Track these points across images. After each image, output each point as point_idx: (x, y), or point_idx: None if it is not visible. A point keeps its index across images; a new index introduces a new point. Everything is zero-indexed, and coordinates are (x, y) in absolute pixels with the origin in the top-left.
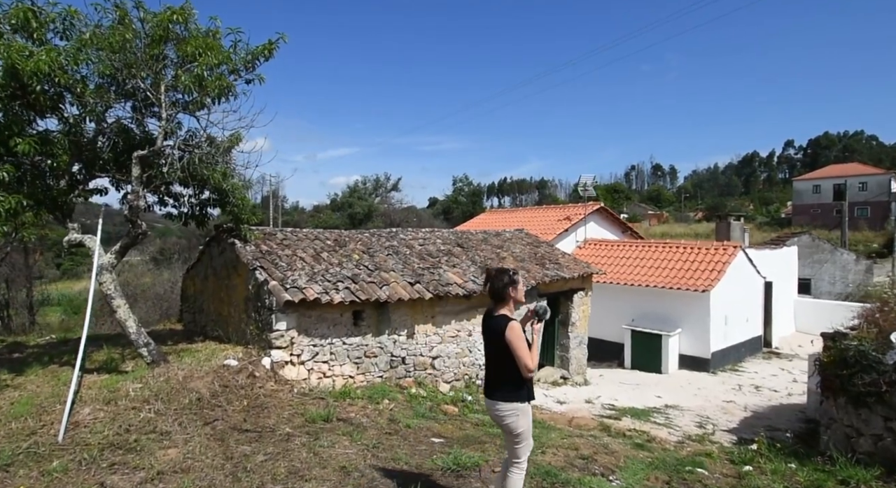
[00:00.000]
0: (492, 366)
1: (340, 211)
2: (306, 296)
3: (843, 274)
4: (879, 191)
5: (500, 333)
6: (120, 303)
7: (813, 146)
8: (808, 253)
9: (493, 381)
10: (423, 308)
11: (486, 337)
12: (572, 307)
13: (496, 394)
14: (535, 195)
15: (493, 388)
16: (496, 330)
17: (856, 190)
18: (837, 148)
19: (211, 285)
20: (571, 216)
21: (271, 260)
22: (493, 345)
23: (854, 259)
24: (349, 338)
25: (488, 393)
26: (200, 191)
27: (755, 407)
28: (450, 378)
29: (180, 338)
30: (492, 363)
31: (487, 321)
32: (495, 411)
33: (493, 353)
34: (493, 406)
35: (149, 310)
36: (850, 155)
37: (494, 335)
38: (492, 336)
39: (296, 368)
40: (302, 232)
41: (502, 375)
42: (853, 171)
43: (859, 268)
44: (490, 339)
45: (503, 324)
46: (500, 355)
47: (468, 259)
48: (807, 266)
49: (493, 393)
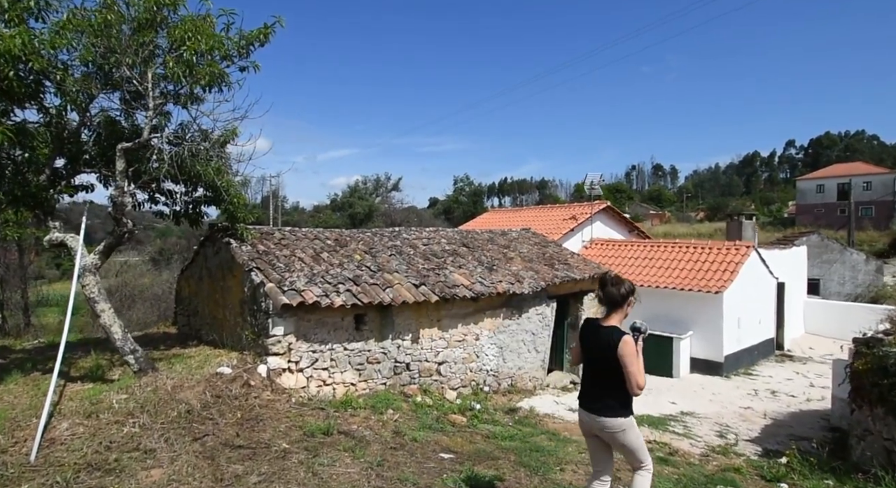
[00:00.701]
0: (595, 379)
1: (341, 211)
2: (305, 299)
3: (852, 274)
4: (884, 191)
5: (611, 347)
6: (104, 308)
7: (814, 146)
8: (817, 253)
9: (597, 396)
10: (428, 311)
11: (589, 347)
12: (582, 309)
13: (603, 411)
14: (535, 195)
15: (597, 403)
16: (607, 342)
17: (860, 189)
18: (839, 147)
19: (206, 287)
20: (577, 215)
21: (268, 260)
22: (600, 357)
23: (864, 259)
24: (350, 343)
25: (591, 408)
26: (193, 189)
27: (774, 414)
28: (456, 384)
29: (174, 342)
30: (596, 376)
31: (594, 330)
32: (602, 427)
33: (600, 367)
34: (599, 422)
35: (146, 311)
36: (851, 155)
37: (604, 347)
38: (600, 348)
39: (294, 376)
40: (301, 231)
41: (608, 390)
42: (857, 171)
43: (869, 269)
44: (596, 351)
45: (616, 337)
46: (608, 369)
47: (474, 259)
48: (815, 266)
49: (599, 410)
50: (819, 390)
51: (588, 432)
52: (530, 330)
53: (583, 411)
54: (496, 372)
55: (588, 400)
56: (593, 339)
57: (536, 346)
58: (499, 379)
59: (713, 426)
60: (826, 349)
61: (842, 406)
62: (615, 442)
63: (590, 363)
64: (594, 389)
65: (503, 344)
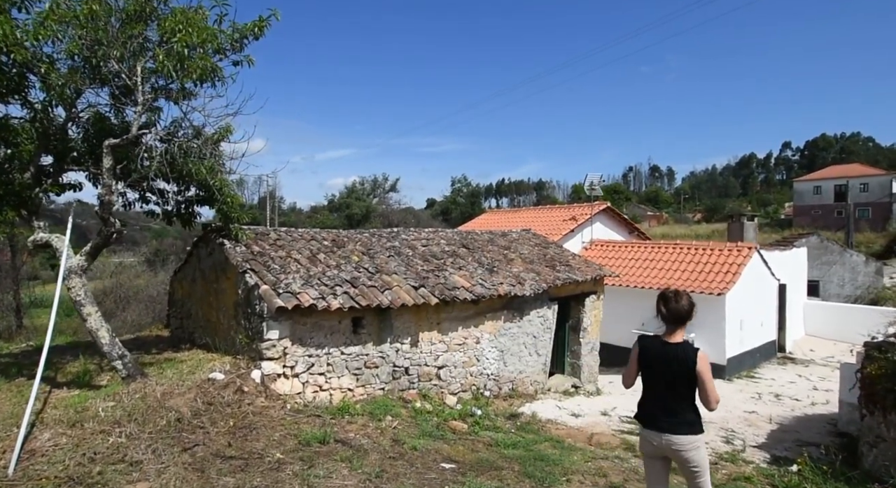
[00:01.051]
0: (668, 397)
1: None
2: (301, 301)
3: (852, 276)
4: (881, 193)
5: (689, 363)
6: (91, 311)
7: (810, 148)
8: (817, 254)
9: (672, 414)
10: (427, 314)
11: (659, 366)
12: (584, 312)
13: (681, 428)
14: (532, 196)
15: (673, 421)
16: (682, 359)
17: (857, 191)
18: (835, 149)
19: (199, 289)
20: (577, 216)
21: (263, 262)
22: (675, 374)
23: (863, 261)
24: (348, 347)
25: (665, 427)
26: (186, 188)
27: (780, 419)
28: (456, 389)
29: (166, 345)
30: (668, 393)
31: (659, 348)
32: (674, 446)
33: (673, 383)
34: (675, 440)
35: (141, 313)
36: (847, 156)
37: (679, 364)
38: (674, 365)
39: (289, 381)
40: (297, 232)
41: (684, 407)
42: (854, 172)
43: (869, 270)
44: (670, 369)
45: (692, 353)
46: (683, 385)
47: (474, 260)
48: (815, 267)
49: (675, 428)
50: (823, 393)
51: (654, 454)
52: (531, 333)
53: (652, 433)
54: (497, 376)
55: (660, 420)
56: (662, 357)
57: (538, 350)
58: (500, 383)
59: (718, 431)
60: (827, 351)
61: (850, 411)
62: (687, 462)
63: (659, 382)
64: (667, 408)
65: (504, 347)
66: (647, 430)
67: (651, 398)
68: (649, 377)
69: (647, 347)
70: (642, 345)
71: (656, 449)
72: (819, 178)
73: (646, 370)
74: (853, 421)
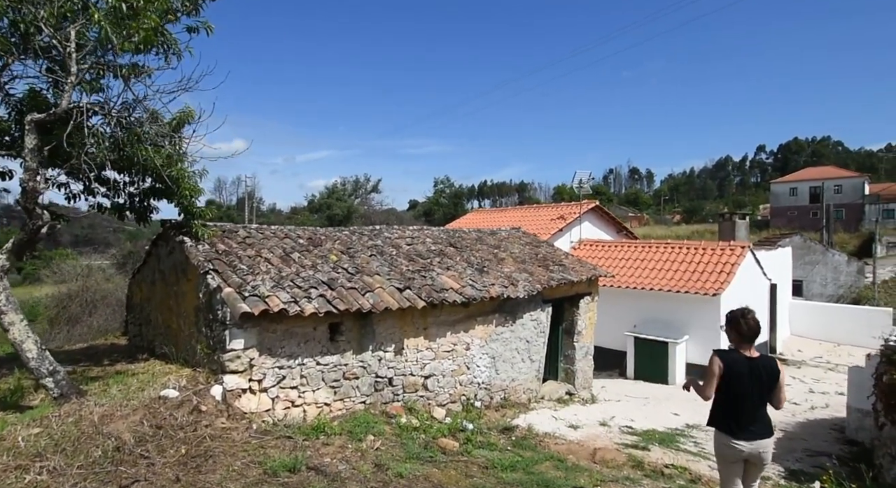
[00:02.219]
0: (755, 407)
1: (319, 212)
2: (270, 306)
3: (834, 275)
4: (854, 194)
5: (776, 373)
6: (14, 319)
7: (783, 151)
8: (800, 254)
9: (760, 420)
10: (413, 318)
11: (747, 379)
12: (578, 314)
13: (770, 433)
14: (515, 198)
15: (764, 429)
16: (771, 370)
17: (831, 192)
18: (806, 152)
19: (159, 292)
20: (566, 215)
21: (229, 261)
22: (764, 385)
23: (845, 260)
24: (324, 356)
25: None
26: (140, 179)
27: (783, 425)
28: (445, 400)
29: (121, 356)
30: (759, 403)
31: (744, 363)
32: (762, 449)
33: (761, 393)
34: (761, 444)
35: (109, 318)
36: (818, 159)
37: (769, 376)
38: (764, 377)
39: (256, 397)
40: (270, 229)
41: (765, 413)
42: (829, 174)
43: (850, 270)
44: (760, 380)
45: (775, 364)
46: (766, 395)
47: (463, 260)
48: (798, 267)
49: (766, 433)
50: (821, 396)
51: (738, 459)
52: (524, 337)
53: (742, 441)
54: (488, 384)
55: (755, 429)
56: (749, 371)
57: (531, 355)
58: (491, 392)
59: None
60: (814, 351)
61: (859, 417)
62: (765, 461)
63: (747, 394)
64: (758, 416)
65: (496, 353)
66: (737, 440)
67: (739, 409)
68: (737, 389)
69: (735, 364)
70: (728, 362)
71: (742, 455)
72: (795, 180)
73: (733, 383)
74: (863, 428)
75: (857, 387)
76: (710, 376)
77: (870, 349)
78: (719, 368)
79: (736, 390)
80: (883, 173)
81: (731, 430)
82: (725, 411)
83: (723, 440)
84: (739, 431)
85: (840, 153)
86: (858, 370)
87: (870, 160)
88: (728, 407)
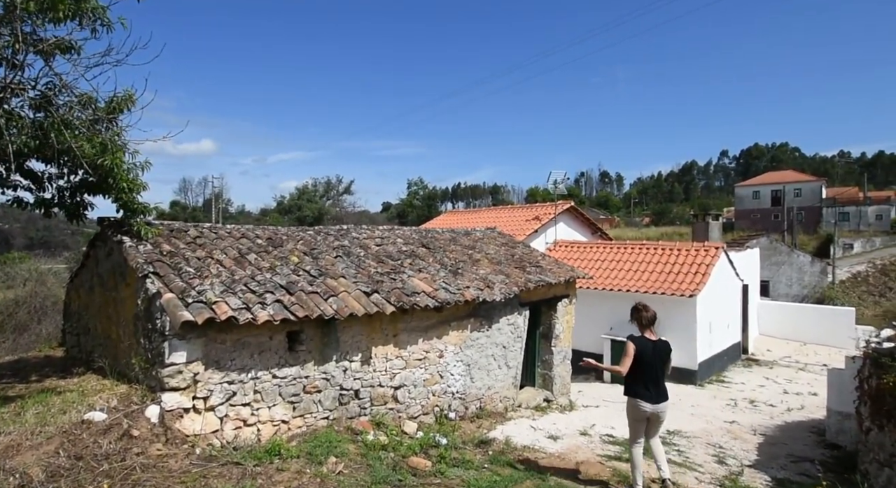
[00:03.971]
0: (656, 377)
1: (288, 214)
2: (216, 313)
3: (799, 275)
4: (813, 198)
5: (669, 352)
6: None
7: (745, 156)
8: (766, 255)
9: (661, 388)
10: (382, 324)
11: (650, 356)
12: (556, 317)
13: (665, 396)
14: (488, 200)
15: (662, 394)
16: (666, 350)
17: (791, 196)
18: (766, 158)
19: (97, 298)
20: (541, 216)
21: (174, 264)
22: (662, 361)
23: (809, 261)
24: (282, 368)
25: (659, 398)
26: (71, 170)
27: (762, 429)
28: (416, 412)
29: (53, 370)
30: (656, 375)
31: (649, 343)
32: (660, 410)
33: (660, 368)
34: (660, 406)
35: (59, 326)
36: (777, 164)
37: (665, 353)
38: (662, 355)
39: (201, 417)
40: (225, 228)
41: (663, 383)
42: (789, 178)
43: (814, 270)
44: (660, 357)
45: (668, 346)
46: (663, 367)
47: (436, 262)
48: (765, 268)
49: (665, 397)
50: (795, 398)
51: (645, 417)
52: (501, 343)
53: (649, 404)
54: (463, 394)
55: (655, 395)
56: (653, 350)
57: (508, 361)
58: (466, 401)
59: (706, 448)
60: (782, 351)
61: (839, 420)
62: (662, 420)
63: (651, 368)
64: (658, 385)
65: (471, 360)
66: (645, 402)
67: (643, 378)
68: (644, 364)
69: (643, 344)
70: (639, 343)
71: (647, 413)
72: (757, 184)
73: (643, 359)
74: (843, 431)
75: (837, 390)
76: (627, 356)
77: (836, 348)
78: (633, 349)
79: (643, 365)
80: (836, 178)
81: (640, 395)
82: (636, 381)
83: (634, 403)
84: (646, 396)
85: (797, 159)
86: (838, 372)
87: (824, 166)
88: (638, 377)
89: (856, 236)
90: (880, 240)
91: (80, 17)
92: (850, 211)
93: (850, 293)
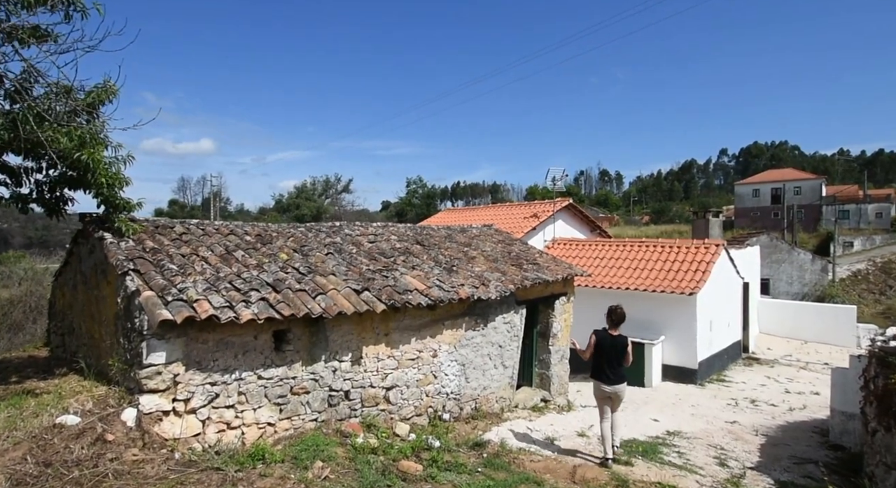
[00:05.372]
0: (612, 364)
1: (287, 212)
2: (197, 312)
3: (799, 274)
4: (812, 196)
5: (624, 346)
6: None
7: (744, 154)
8: (767, 253)
9: (616, 373)
10: (373, 323)
11: (608, 347)
12: (553, 316)
13: (621, 379)
14: (488, 199)
15: (618, 377)
16: (622, 344)
17: (791, 194)
18: (766, 156)
19: (81, 297)
20: (539, 213)
21: (156, 261)
22: (618, 352)
23: (810, 259)
24: (267, 369)
25: (614, 380)
26: (50, 165)
27: (764, 430)
28: (409, 413)
29: (35, 370)
30: (612, 362)
31: (609, 337)
32: (622, 391)
33: (616, 357)
34: (620, 388)
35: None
36: (777, 163)
37: (621, 347)
38: (619, 347)
39: (181, 420)
40: (213, 224)
41: (620, 368)
42: (789, 176)
43: (815, 268)
44: (616, 349)
45: (625, 341)
46: (620, 357)
47: (430, 259)
48: (765, 266)
49: (620, 380)
50: (797, 397)
51: (607, 396)
52: (497, 342)
53: (604, 384)
54: (458, 394)
55: (610, 377)
56: (611, 342)
57: (504, 361)
58: (461, 402)
59: (707, 449)
60: (783, 349)
61: (843, 420)
62: (621, 399)
63: (609, 356)
64: (613, 369)
65: (466, 360)
66: (601, 383)
67: (602, 364)
68: (602, 354)
69: (603, 337)
70: (600, 336)
71: (607, 393)
72: (757, 182)
73: (602, 350)
74: (847, 432)
75: (840, 390)
76: (590, 345)
77: (837, 346)
78: (594, 340)
79: (604, 353)
80: (836, 176)
81: (600, 378)
82: (597, 366)
83: (596, 384)
84: (604, 379)
85: (797, 157)
86: (842, 372)
87: (824, 164)
88: (598, 364)
89: (856, 234)
90: (880, 237)
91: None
92: (850, 209)
93: (850, 291)
